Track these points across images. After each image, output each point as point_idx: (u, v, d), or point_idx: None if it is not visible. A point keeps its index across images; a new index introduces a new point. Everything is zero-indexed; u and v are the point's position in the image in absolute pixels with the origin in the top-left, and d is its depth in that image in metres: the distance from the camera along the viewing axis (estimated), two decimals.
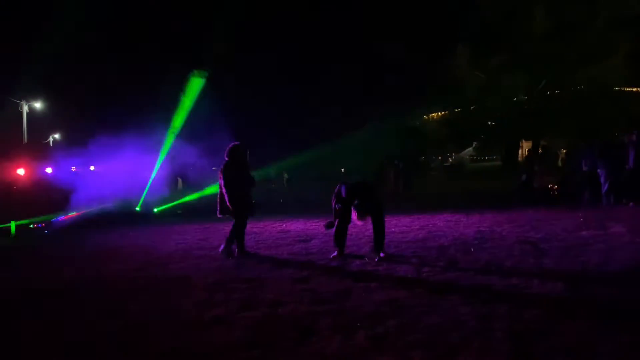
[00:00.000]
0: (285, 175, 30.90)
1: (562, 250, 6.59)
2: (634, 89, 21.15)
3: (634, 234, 7.53)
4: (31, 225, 13.03)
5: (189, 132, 19.40)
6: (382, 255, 6.55)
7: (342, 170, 33.59)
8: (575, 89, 18.57)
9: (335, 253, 6.81)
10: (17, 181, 15.43)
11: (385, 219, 6.70)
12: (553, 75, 18.52)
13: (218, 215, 7.53)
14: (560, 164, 19.79)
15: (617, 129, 15.00)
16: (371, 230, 6.72)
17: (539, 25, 17.23)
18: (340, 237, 6.80)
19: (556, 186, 15.29)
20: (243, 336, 3.84)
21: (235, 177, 7.25)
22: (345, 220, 6.70)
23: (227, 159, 7.36)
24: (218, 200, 7.44)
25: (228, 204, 7.20)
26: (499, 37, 18.02)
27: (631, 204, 11.45)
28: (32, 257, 8.44)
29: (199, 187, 18.90)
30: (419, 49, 19.62)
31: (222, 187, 7.25)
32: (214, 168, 25.08)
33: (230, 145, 7.42)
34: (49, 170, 17.35)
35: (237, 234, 7.36)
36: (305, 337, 3.77)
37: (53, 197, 14.78)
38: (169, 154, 18.08)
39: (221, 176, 7.28)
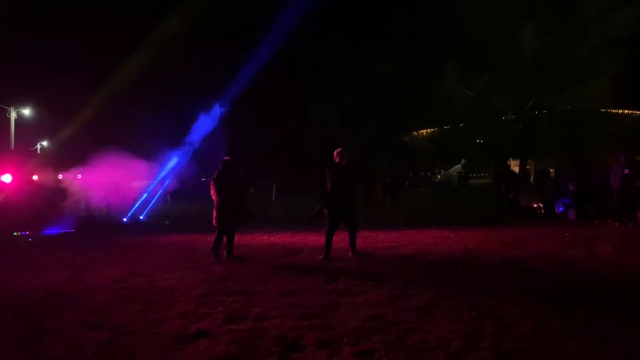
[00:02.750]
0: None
1: (549, 269, 6.62)
2: (620, 111, 21.47)
3: (620, 253, 7.59)
4: (15, 233, 12.84)
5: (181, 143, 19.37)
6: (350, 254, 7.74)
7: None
8: (562, 110, 18.80)
9: (323, 255, 7.67)
10: (2, 189, 15.20)
11: (373, 234, 6.78)
12: (540, 96, 18.76)
13: (214, 224, 7.98)
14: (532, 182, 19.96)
15: (603, 149, 15.18)
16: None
17: (527, 46, 17.49)
18: (329, 241, 7.71)
19: (542, 204, 15.45)
20: (227, 350, 3.79)
21: (227, 186, 7.87)
22: (334, 226, 7.75)
23: (220, 169, 8.00)
24: (215, 209, 7.91)
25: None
26: (488, 56, 18.25)
27: (616, 224, 11.57)
28: (14, 265, 8.28)
29: (188, 198, 18.80)
30: (409, 65, 19.79)
31: (214, 195, 7.91)
32: (202, 179, 24.91)
33: (223, 160, 8.10)
34: (35, 177, 17.13)
35: (219, 238, 7.95)
36: (290, 352, 3.73)
37: (40, 205, 14.58)
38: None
39: (213, 185, 7.88)
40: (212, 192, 7.87)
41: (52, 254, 9.52)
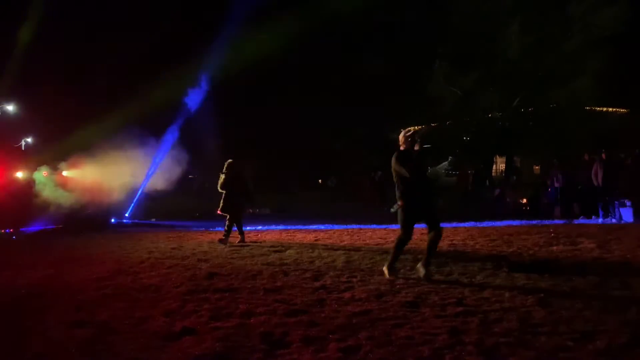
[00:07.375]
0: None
1: (533, 264, 6.67)
2: (604, 109, 21.77)
3: (603, 249, 7.69)
4: None
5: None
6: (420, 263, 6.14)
7: (319, 181, 33.76)
8: (547, 107, 18.99)
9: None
10: None
11: (361, 231, 6.69)
12: (526, 94, 18.94)
13: (218, 212, 9.89)
14: (470, 187, 19.91)
15: (586, 147, 15.38)
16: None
17: (514, 45, 17.65)
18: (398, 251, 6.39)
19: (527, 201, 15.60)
20: (213, 347, 3.77)
21: (232, 182, 9.78)
22: (408, 233, 6.37)
23: (226, 167, 9.85)
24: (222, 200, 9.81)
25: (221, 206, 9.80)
26: (474, 55, 18.39)
27: (600, 220, 11.72)
28: None
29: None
30: (397, 63, 19.87)
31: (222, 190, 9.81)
32: (190, 176, 24.68)
33: (228, 161, 9.90)
34: (19, 174, 16.87)
35: (229, 226, 9.74)
36: (275, 349, 3.72)
37: (22, 202, 14.38)
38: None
39: (220, 183, 9.84)
40: (219, 187, 9.82)
41: (34, 250, 9.42)
